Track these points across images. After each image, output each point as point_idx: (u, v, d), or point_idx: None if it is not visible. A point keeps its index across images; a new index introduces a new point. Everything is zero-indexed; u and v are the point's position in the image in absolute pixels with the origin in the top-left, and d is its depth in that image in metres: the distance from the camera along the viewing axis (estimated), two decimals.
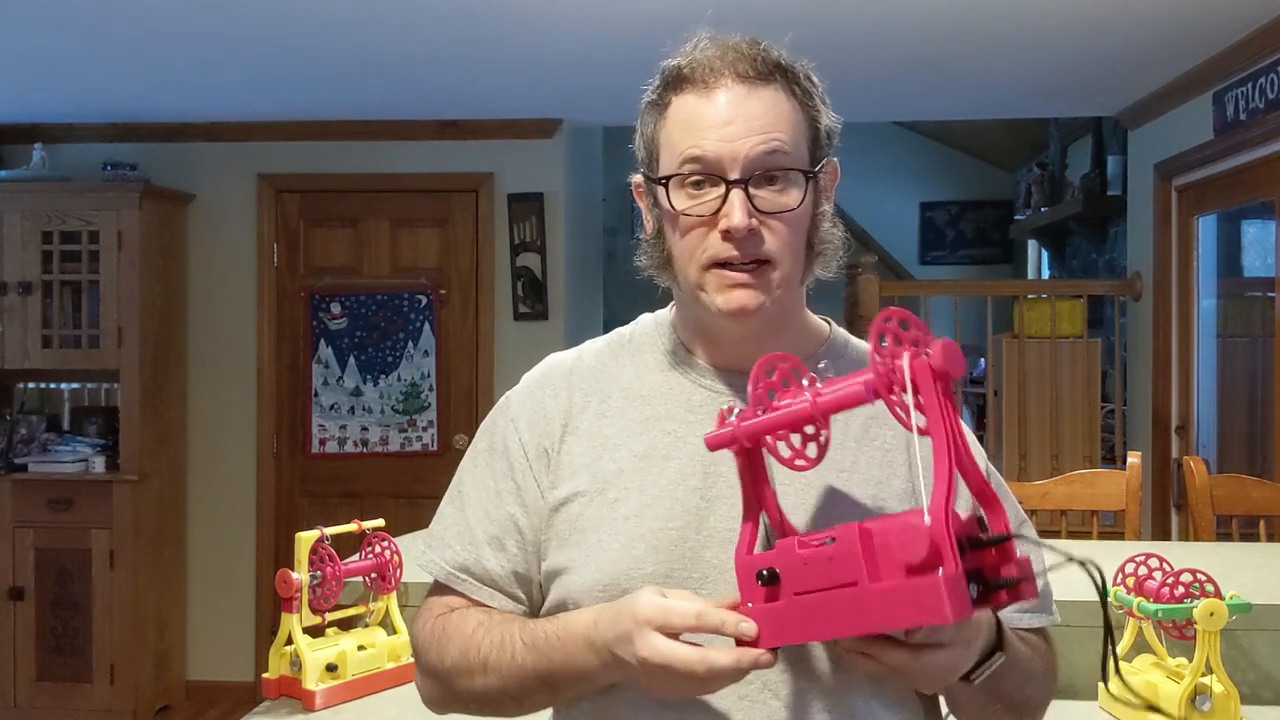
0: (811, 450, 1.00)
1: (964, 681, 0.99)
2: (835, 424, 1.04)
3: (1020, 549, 0.91)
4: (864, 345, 1.23)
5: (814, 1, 3.09)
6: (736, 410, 1.01)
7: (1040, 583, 1.18)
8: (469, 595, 1.16)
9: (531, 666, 1.07)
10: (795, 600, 0.93)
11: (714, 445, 1.01)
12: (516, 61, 3.73)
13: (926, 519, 0.85)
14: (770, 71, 1.07)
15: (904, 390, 0.88)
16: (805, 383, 0.98)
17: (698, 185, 1.07)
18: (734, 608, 0.98)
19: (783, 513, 1.02)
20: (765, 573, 0.95)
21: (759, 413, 0.98)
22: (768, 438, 0.99)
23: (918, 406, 0.88)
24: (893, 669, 0.94)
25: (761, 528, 1.02)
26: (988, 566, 0.88)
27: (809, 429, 0.99)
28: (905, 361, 0.88)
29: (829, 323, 1.23)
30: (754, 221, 1.05)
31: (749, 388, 0.99)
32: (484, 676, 1.10)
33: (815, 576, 0.92)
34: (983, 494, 0.91)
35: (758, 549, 1.01)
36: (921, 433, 0.89)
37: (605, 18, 3.21)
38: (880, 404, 0.92)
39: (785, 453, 1.00)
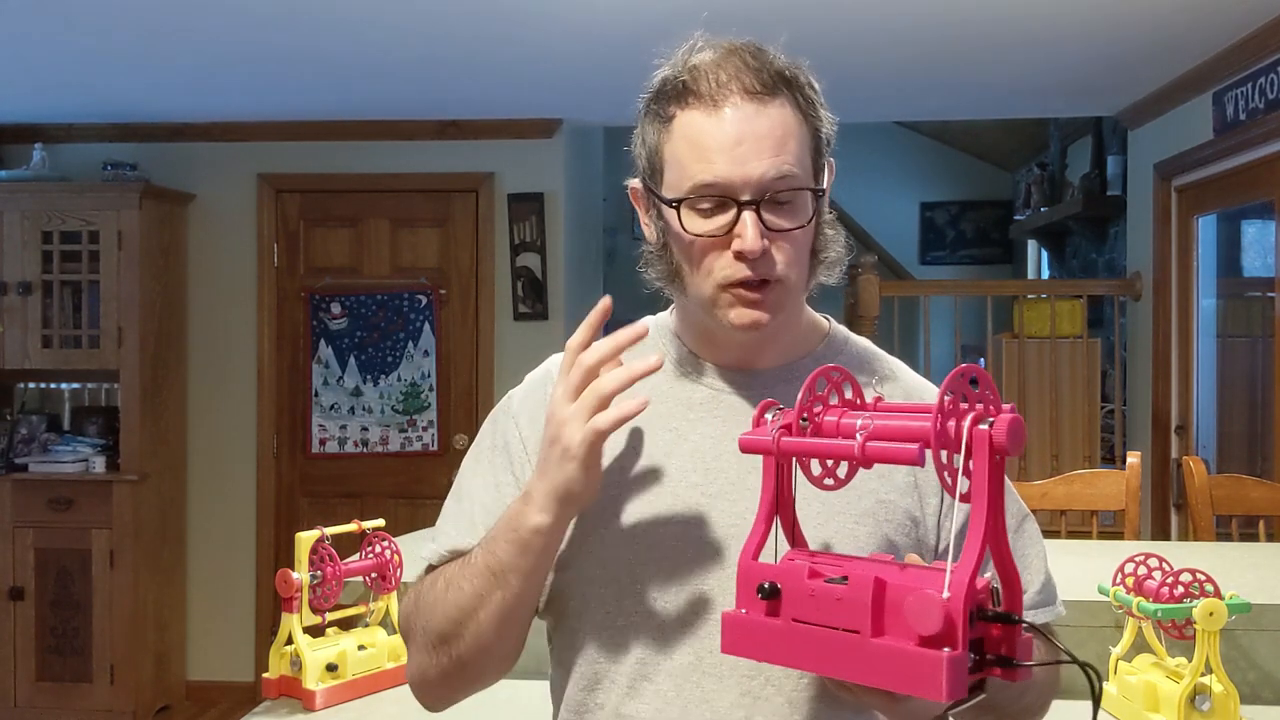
0: (843, 471, 0.99)
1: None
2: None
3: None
4: (862, 342, 1.24)
5: (814, 1, 3.09)
6: (774, 411, 0.98)
7: (1040, 589, 1.18)
8: None
9: (481, 561, 1.08)
10: (792, 625, 0.91)
11: (747, 449, 0.98)
12: (516, 61, 3.73)
13: (945, 593, 0.82)
14: (775, 84, 1.07)
15: (956, 453, 0.86)
16: (859, 418, 0.95)
17: (708, 206, 1.07)
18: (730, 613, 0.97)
19: (797, 521, 1.01)
20: (767, 586, 0.93)
21: (803, 423, 0.95)
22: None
23: (965, 472, 0.86)
24: (866, 705, 0.94)
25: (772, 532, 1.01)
26: (989, 640, 0.87)
27: None
28: (966, 424, 0.86)
29: (828, 320, 1.24)
30: (766, 243, 1.05)
31: (800, 395, 0.96)
32: (446, 596, 1.11)
33: (819, 611, 0.90)
34: (1008, 575, 0.90)
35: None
36: (963, 499, 0.87)
37: (605, 18, 3.21)
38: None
39: (816, 470, 0.99)
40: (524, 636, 1.13)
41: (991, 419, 0.86)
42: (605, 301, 1.06)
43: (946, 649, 0.82)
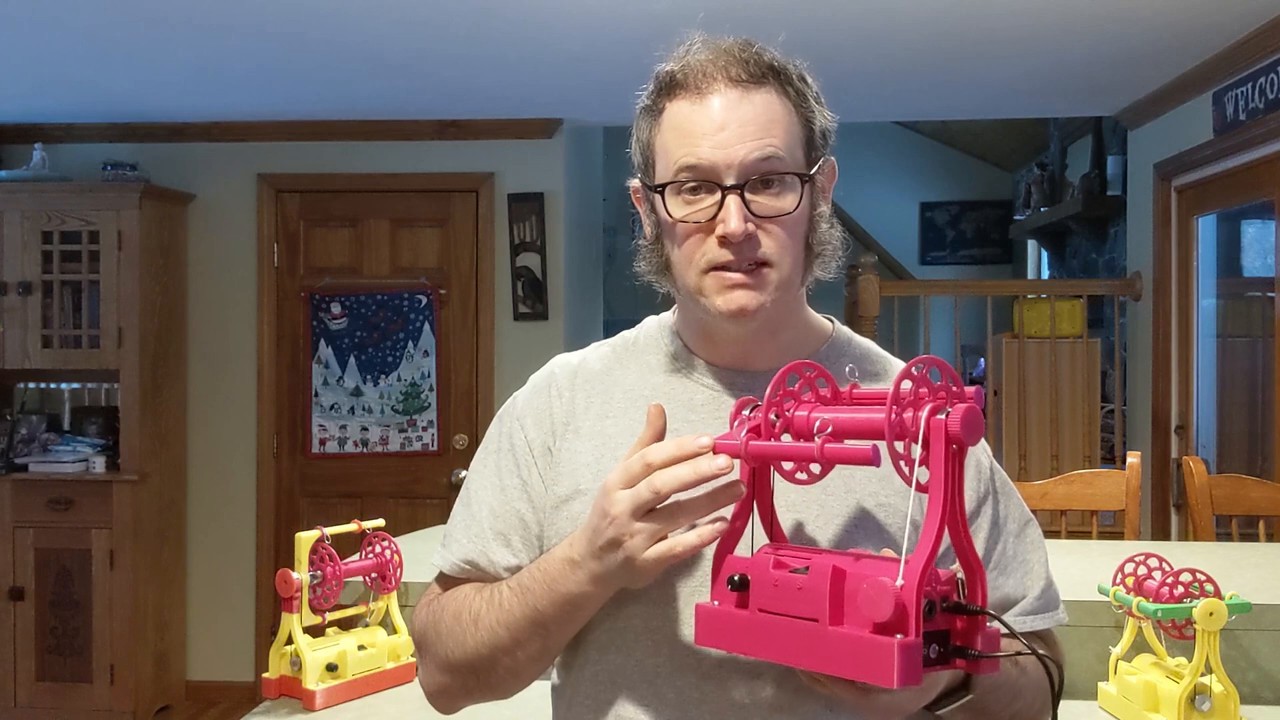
0: (816, 466, 1.00)
1: (929, 711, 0.98)
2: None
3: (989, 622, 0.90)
4: (866, 343, 1.24)
5: (814, 1, 3.09)
6: (751, 409, 0.99)
7: (1038, 595, 1.18)
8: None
9: (519, 610, 1.07)
10: (759, 615, 0.93)
11: (720, 452, 0.99)
12: (516, 61, 3.73)
13: (899, 580, 0.84)
14: (763, 74, 1.07)
15: (913, 443, 0.87)
16: (825, 414, 0.96)
17: (694, 191, 1.07)
18: (702, 603, 0.99)
19: (775, 516, 1.02)
20: (736, 578, 0.95)
21: (772, 419, 0.97)
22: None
23: (923, 461, 0.87)
24: (838, 699, 0.94)
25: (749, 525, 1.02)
26: (954, 631, 0.88)
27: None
28: (924, 415, 0.86)
29: (832, 321, 1.24)
30: (751, 226, 1.05)
31: (766, 393, 0.97)
32: (475, 633, 1.10)
33: (781, 601, 0.91)
34: (970, 566, 0.91)
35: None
36: (920, 489, 0.88)
37: (605, 18, 3.21)
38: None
39: (788, 467, 1.00)
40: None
41: (948, 409, 0.86)
42: (708, 440, 0.97)
43: (898, 635, 0.83)
